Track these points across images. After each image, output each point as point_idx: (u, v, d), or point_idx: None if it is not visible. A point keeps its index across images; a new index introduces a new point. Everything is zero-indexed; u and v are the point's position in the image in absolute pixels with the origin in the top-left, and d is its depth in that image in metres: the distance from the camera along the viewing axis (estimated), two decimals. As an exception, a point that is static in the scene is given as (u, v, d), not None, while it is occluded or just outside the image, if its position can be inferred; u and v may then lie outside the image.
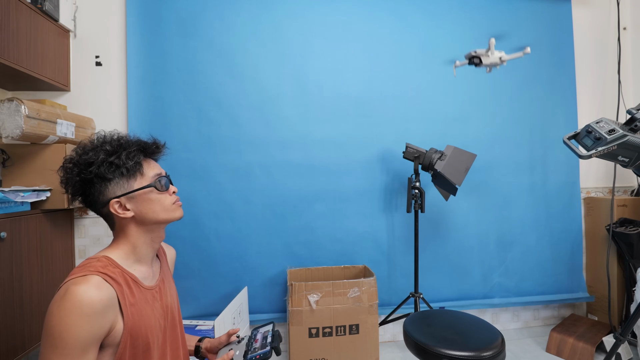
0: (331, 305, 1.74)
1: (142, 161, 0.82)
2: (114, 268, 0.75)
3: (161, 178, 0.83)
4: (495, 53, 1.58)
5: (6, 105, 1.41)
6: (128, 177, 0.79)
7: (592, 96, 2.38)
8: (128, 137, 0.83)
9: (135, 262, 0.81)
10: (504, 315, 2.31)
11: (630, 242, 1.97)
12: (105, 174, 0.76)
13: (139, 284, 0.79)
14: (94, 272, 0.71)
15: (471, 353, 1.08)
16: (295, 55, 2.07)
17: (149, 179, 0.81)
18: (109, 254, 0.78)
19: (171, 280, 0.97)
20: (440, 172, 1.78)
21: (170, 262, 1.02)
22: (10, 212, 1.44)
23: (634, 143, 1.18)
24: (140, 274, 0.81)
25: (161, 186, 0.82)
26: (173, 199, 0.85)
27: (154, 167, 0.84)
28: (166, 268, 0.96)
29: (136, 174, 0.80)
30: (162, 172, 0.85)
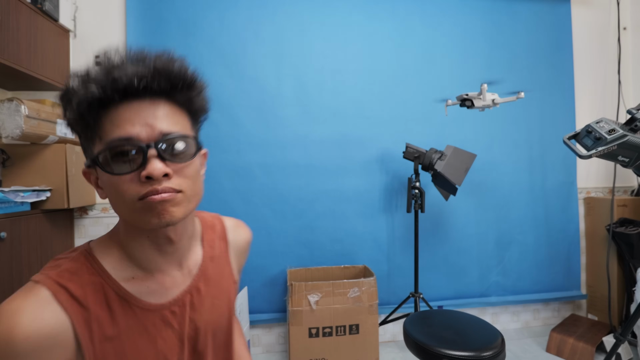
0: (331, 305, 1.74)
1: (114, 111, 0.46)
2: (91, 276, 0.48)
3: (114, 145, 0.45)
4: (488, 95, 1.58)
5: (6, 105, 1.41)
6: (86, 138, 0.48)
7: (592, 96, 2.38)
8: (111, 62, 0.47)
9: (132, 266, 0.52)
10: (504, 315, 2.31)
11: (630, 242, 1.97)
12: (70, 122, 0.48)
13: (131, 303, 0.50)
14: (49, 281, 0.46)
15: (471, 353, 1.08)
16: (295, 56, 2.07)
17: (104, 144, 0.46)
18: (100, 247, 0.52)
19: (225, 282, 0.63)
20: (440, 172, 1.78)
21: (238, 251, 0.69)
22: (10, 212, 1.44)
23: (634, 143, 1.18)
24: (141, 286, 0.52)
25: (108, 164, 0.45)
26: (139, 189, 0.45)
27: (130, 121, 0.46)
28: (220, 264, 0.63)
29: (96, 133, 0.47)
30: (130, 134, 0.45)
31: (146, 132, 0.46)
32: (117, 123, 0.46)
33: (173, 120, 0.49)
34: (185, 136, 0.49)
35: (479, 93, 1.66)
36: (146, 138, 0.46)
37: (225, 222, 0.70)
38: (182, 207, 0.49)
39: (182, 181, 0.48)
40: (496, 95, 1.65)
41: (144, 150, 0.45)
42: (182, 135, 0.49)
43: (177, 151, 0.48)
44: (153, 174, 0.45)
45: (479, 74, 2.22)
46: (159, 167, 0.45)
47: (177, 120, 0.50)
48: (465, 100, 1.70)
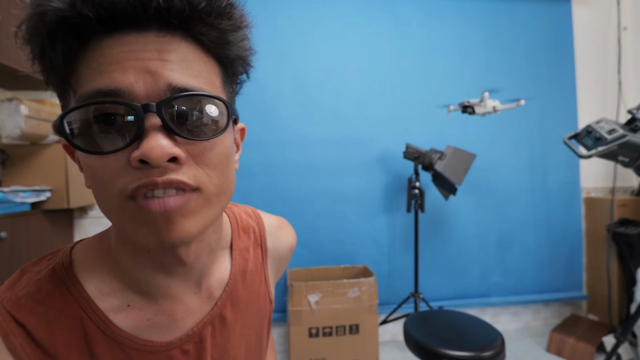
0: (331, 305, 1.74)
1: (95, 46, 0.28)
2: (65, 305, 0.33)
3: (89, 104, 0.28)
4: (489, 102, 1.59)
5: (6, 105, 1.41)
6: (59, 92, 0.32)
7: (592, 96, 2.38)
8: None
9: (131, 292, 0.37)
10: (504, 316, 2.31)
11: (631, 242, 1.97)
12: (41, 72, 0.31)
13: (124, 345, 0.35)
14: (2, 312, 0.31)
15: (471, 353, 1.08)
16: (294, 56, 2.07)
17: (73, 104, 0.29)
18: (84, 263, 0.36)
19: (259, 300, 0.48)
20: (440, 172, 1.78)
21: (278, 262, 0.54)
22: (10, 212, 1.44)
23: (634, 143, 1.18)
24: (140, 319, 0.36)
25: (80, 135, 0.29)
26: (127, 180, 0.29)
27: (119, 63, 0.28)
28: (251, 282, 0.47)
29: (62, 85, 0.31)
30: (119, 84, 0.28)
31: (145, 83, 0.28)
32: (98, 66, 0.28)
33: (193, 70, 0.30)
34: (212, 97, 0.30)
35: (480, 100, 1.66)
36: (144, 94, 0.28)
37: (265, 221, 0.52)
38: (200, 216, 0.31)
39: (200, 171, 0.31)
40: (497, 102, 1.66)
41: (138, 113, 0.27)
42: (206, 95, 0.30)
43: (196, 120, 0.30)
44: (151, 156, 0.27)
45: (479, 74, 2.22)
46: (161, 145, 0.27)
47: (199, 70, 0.31)
48: (466, 107, 1.72)
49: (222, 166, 0.33)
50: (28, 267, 0.36)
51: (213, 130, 0.31)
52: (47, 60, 0.29)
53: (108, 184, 0.29)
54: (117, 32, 0.28)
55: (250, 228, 0.49)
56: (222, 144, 0.33)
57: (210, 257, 0.41)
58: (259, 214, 0.53)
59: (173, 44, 0.29)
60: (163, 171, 0.28)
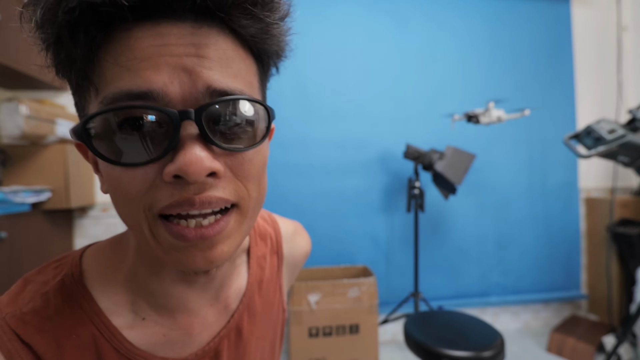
0: (331, 305, 1.74)
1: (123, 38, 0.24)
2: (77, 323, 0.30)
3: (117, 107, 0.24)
4: (494, 112, 1.61)
5: (6, 105, 1.41)
6: (75, 87, 0.30)
7: (592, 96, 2.38)
8: None
9: (148, 306, 0.34)
10: (504, 316, 2.31)
11: (631, 242, 1.97)
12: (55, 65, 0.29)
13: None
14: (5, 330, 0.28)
15: (471, 353, 1.08)
16: (294, 56, 2.06)
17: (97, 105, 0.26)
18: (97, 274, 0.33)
19: (273, 310, 0.46)
20: (440, 172, 1.78)
21: (293, 267, 0.51)
22: (10, 212, 1.44)
23: (634, 143, 1.18)
24: (155, 335, 0.34)
25: (104, 142, 0.25)
26: (159, 196, 0.25)
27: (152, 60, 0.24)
28: (266, 292, 0.44)
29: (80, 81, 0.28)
30: (152, 85, 0.24)
31: (181, 83, 0.24)
32: (126, 62, 0.24)
33: (232, 69, 0.27)
34: (255, 101, 0.28)
35: (485, 109, 1.67)
36: (180, 96, 0.25)
37: (282, 226, 0.49)
38: (237, 236, 0.29)
39: (239, 185, 0.28)
40: (502, 111, 1.65)
41: (174, 121, 0.24)
42: (249, 99, 0.27)
43: (236, 128, 0.27)
44: (189, 171, 0.24)
45: (479, 74, 2.22)
46: (200, 158, 0.24)
47: (238, 69, 0.28)
48: (471, 117, 1.73)
49: (259, 177, 0.30)
50: (32, 276, 0.32)
51: (253, 139, 0.28)
52: (64, 52, 0.25)
53: (134, 198, 0.25)
54: (148, 22, 0.24)
55: (267, 234, 0.46)
56: (260, 152, 0.29)
57: (231, 267, 0.39)
58: (275, 218, 0.50)
59: (210, 37, 0.26)
60: (200, 187, 0.25)
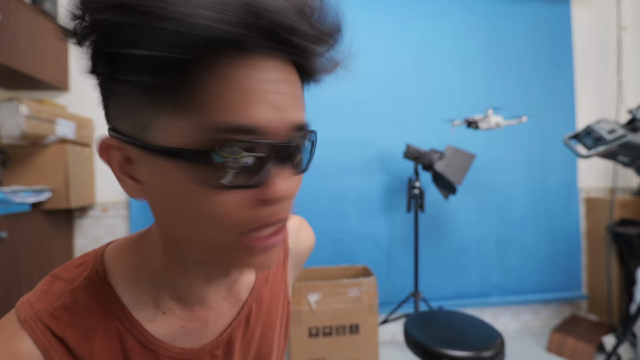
0: (331, 305, 1.74)
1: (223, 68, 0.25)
2: (103, 317, 0.33)
3: (230, 139, 0.25)
4: (493, 118, 1.71)
5: (6, 105, 1.41)
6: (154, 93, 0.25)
7: (592, 96, 2.38)
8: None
9: (164, 296, 0.36)
10: (504, 315, 2.31)
11: (631, 242, 1.97)
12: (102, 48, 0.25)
13: (159, 354, 0.35)
14: (38, 325, 0.30)
15: (471, 353, 1.08)
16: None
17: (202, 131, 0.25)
18: (117, 267, 0.35)
19: (278, 302, 0.47)
20: (440, 172, 1.78)
21: (297, 264, 0.53)
22: (10, 212, 1.44)
23: (634, 143, 1.18)
24: (175, 326, 0.36)
25: (214, 167, 0.25)
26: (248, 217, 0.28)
27: (255, 96, 0.25)
28: (273, 285, 0.47)
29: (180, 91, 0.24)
30: (257, 122, 0.25)
31: (276, 119, 0.27)
32: (230, 94, 0.24)
33: (301, 102, 0.30)
34: (313, 131, 0.32)
35: (484, 116, 1.77)
36: (275, 131, 0.27)
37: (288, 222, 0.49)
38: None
39: (291, 203, 0.31)
40: (500, 117, 1.74)
41: (277, 152, 0.27)
42: (312, 131, 0.31)
43: (306, 155, 0.31)
44: (284, 195, 0.27)
45: (479, 74, 2.22)
46: (291, 185, 0.28)
47: (304, 102, 0.31)
48: (471, 123, 1.81)
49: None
50: (59, 273, 0.35)
51: (307, 162, 0.32)
52: (156, 75, 0.23)
53: (225, 218, 0.27)
54: (246, 52, 0.25)
55: None
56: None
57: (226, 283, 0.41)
58: None
59: (291, 74, 0.29)
60: (281, 209, 0.29)
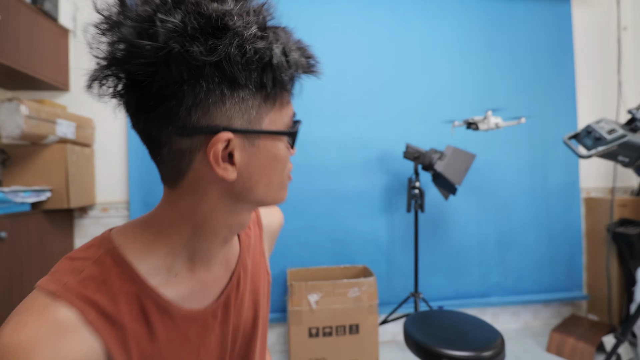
0: (331, 305, 1.74)
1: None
2: (123, 283, 0.38)
3: (295, 121, 0.44)
4: (492, 119, 1.76)
5: (6, 105, 1.41)
6: (265, 98, 0.39)
7: (592, 96, 2.38)
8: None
9: (179, 262, 0.42)
10: (504, 315, 2.31)
11: (631, 242, 1.97)
12: (236, 71, 0.35)
13: (172, 313, 0.41)
14: (71, 295, 0.35)
15: (471, 353, 1.08)
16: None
17: (287, 118, 0.43)
18: (129, 246, 0.40)
19: (261, 273, 0.57)
20: (440, 172, 1.78)
21: (271, 236, 0.64)
22: (10, 212, 1.44)
23: (633, 143, 1.18)
24: (184, 288, 0.43)
25: (293, 141, 0.45)
26: (290, 167, 0.47)
27: (290, 102, 0.45)
28: (254, 253, 0.56)
29: (277, 98, 0.40)
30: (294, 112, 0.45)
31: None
32: (288, 100, 0.43)
33: None
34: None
35: (484, 117, 1.80)
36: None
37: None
38: None
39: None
40: (499, 119, 1.78)
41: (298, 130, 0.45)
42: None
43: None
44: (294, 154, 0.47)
45: (479, 74, 2.22)
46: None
47: None
48: (470, 124, 1.84)
49: None
50: (72, 255, 0.39)
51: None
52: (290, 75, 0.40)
53: (286, 166, 0.45)
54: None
55: None
56: None
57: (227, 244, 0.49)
58: None
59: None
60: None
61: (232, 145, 0.38)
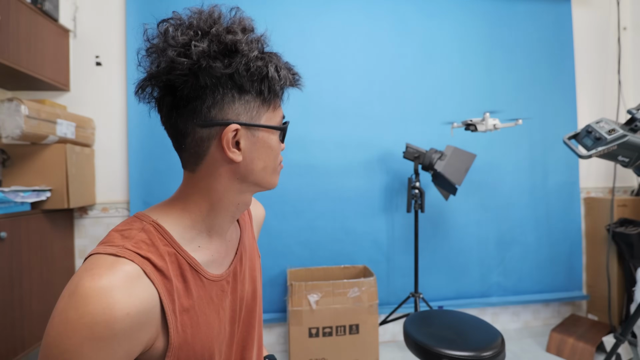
0: (331, 305, 1.74)
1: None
2: (165, 246, 0.48)
3: (286, 123, 0.58)
4: (490, 121, 1.81)
5: (6, 105, 1.41)
6: (263, 101, 0.52)
7: (592, 96, 2.38)
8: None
9: (201, 234, 0.53)
10: (504, 315, 2.31)
11: (630, 242, 1.97)
12: (244, 81, 0.49)
13: (200, 273, 0.52)
14: (131, 253, 0.44)
15: (471, 353, 1.08)
16: (294, 56, 2.06)
17: (279, 118, 0.56)
18: (163, 218, 0.51)
19: (255, 253, 0.70)
20: (440, 172, 1.78)
21: (258, 225, 0.77)
22: (10, 212, 1.44)
23: (633, 143, 1.18)
24: (207, 255, 0.54)
25: (283, 136, 0.58)
26: (281, 158, 0.59)
27: (281, 106, 0.58)
28: (249, 237, 0.68)
29: (271, 102, 0.53)
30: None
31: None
32: (279, 105, 0.57)
33: None
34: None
35: (482, 119, 1.83)
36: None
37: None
38: None
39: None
40: (497, 120, 1.82)
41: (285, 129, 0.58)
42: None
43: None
44: (284, 146, 0.59)
45: (479, 74, 2.22)
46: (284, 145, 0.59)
47: None
48: (469, 125, 1.87)
49: None
50: (120, 227, 0.49)
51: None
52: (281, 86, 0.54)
53: (278, 155, 0.56)
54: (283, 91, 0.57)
55: None
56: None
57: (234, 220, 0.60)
58: None
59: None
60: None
61: (239, 134, 0.50)
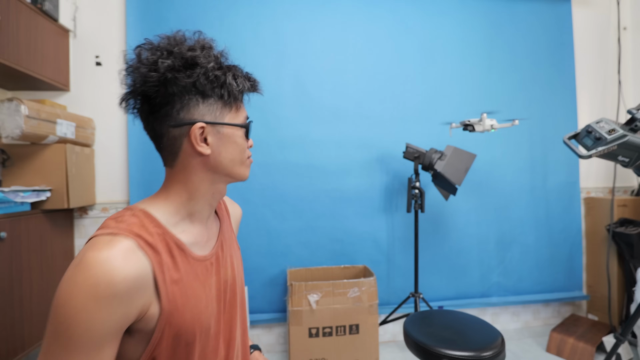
0: (331, 305, 1.74)
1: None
2: (155, 228, 0.56)
3: (250, 123, 0.66)
4: (487, 121, 1.86)
5: (6, 105, 1.41)
6: (224, 104, 0.61)
7: (592, 96, 2.38)
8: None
9: (184, 219, 0.62)
10: (504, 315, 2.31)
11: (631, 242, 1.97)
12: (205, 87, 0.58)
13: (186, 252, 0.59)
14: (125, 232, 0.52)
15: (471, 353, 1.08)
16: (294, 56, 2.07)
17: (242, 118, 0.64)
18: (149, 207, 0.59)
19: (234, 244, 0.77)
20: (440, 172, 1.78)
21: (235, 222, 0.84)
22: (10, 212, 1.44)
23: (634, 143, 1.18)
24: (190, 237, 0.62)
25: (248, 133, 0.66)
26: (249, 153, 0.67)
27: (244, 108, 0.67)
28: (228, 229, 0.76)
29: (233, 105, 0.62)
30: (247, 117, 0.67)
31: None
32: (241, 106, 0.65)
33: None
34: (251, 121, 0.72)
35: (480, 119, 1.86)
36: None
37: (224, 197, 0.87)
38: None
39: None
40: (494, 121, 1.85)
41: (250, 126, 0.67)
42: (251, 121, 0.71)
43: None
44: (252, 145, 0.68)
45: (479, 74, 2.22)
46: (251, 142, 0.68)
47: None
48: (467, 125, 1.89)
49: None
50: (114, 216, 0.57)
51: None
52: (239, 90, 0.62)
53: (244, 150, 0.65)
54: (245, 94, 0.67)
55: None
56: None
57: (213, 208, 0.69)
58: None
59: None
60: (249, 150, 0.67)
61: (206, 131, 0.59)
